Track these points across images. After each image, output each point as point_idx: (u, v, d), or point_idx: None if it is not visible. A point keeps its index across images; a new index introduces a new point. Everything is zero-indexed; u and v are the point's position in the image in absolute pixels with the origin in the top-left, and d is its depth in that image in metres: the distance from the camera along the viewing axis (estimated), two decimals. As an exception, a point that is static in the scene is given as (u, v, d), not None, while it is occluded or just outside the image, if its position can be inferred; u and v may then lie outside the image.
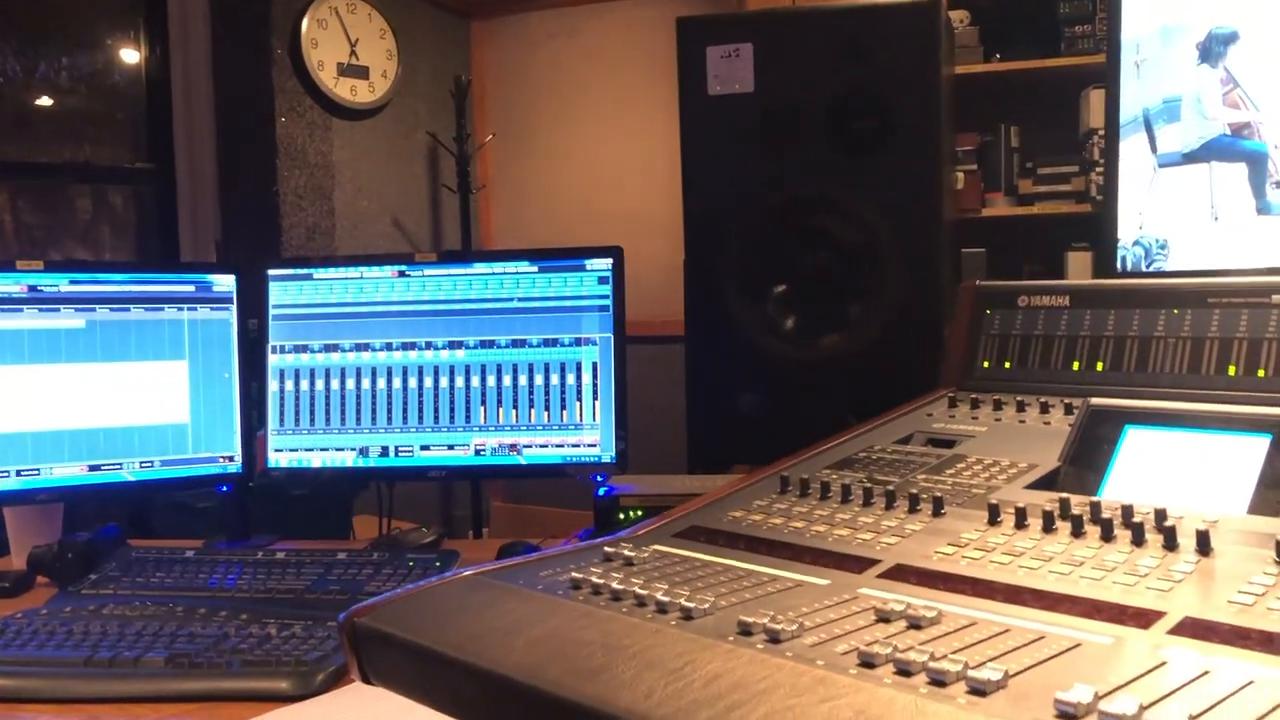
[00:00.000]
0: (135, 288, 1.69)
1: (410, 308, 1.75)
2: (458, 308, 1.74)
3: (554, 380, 1.71)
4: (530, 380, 1.72)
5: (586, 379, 1.71)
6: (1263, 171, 1.31)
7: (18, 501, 1.64)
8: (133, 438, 1.68)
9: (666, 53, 2.30)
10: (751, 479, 1.02)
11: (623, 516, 1.46)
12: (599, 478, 1.64)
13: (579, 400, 1.71)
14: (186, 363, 1.72)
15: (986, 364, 1.17)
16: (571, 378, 1.71)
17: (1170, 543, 0.74)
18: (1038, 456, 0.96)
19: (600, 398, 1.71)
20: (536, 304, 1.73)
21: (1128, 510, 0.79)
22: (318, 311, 1.77)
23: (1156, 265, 1.39)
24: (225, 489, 1.78)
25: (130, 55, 3.88)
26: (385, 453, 1.74)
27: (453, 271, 1.75)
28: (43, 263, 1.64)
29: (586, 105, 4.46)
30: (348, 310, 1.76)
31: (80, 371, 1.65)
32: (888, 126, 2.07)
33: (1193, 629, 0.63)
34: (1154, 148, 1.40)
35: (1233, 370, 0.99)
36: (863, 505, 0.91)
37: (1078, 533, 0.78)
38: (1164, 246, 1.39)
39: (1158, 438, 0.93)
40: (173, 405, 1.71)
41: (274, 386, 1.77)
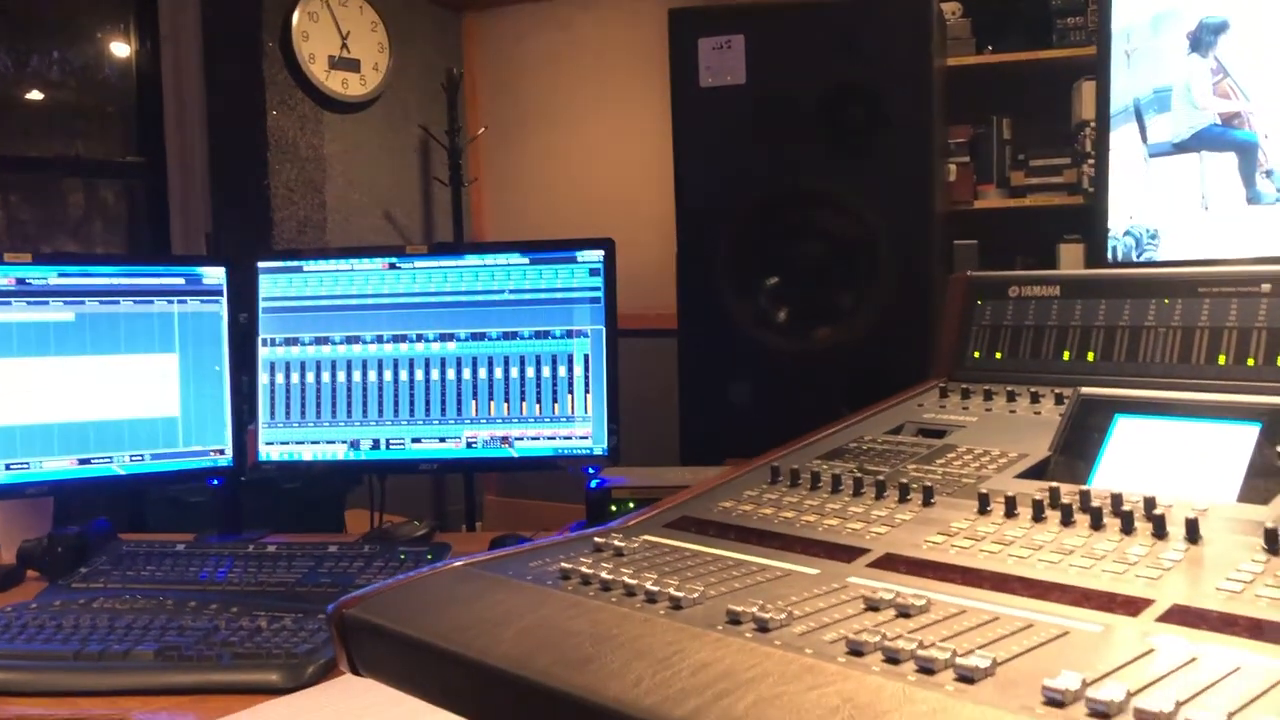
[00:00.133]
0: (125, 280, 1.69)
1: (401, 300, 1.74)
2: (449, 300, 1.74)
3: (545, 372, 1.71)
4: (522, 372, 1.71)
5: (578, 371, 1.71)
6: (1253, 161, 1.31)
7: (7, 495, 1.63)
8: (123, 431, 1.68)
9: (659, 45, 2.30)
10: (742, 469, 1.02)
11: (614, 509, 1.46)
12: (591, 470, 1.64)
13: (570, 393, 1.71)
14: (177, 356, 1.72)
15: (977, 354, 1.17)
16: (563, 370, 1.71)
17: (1159, 531, 0.75)
18: (1028, 446, 0.96)
19: (592, 390, 1.71)
20: (528, 296, 1.72)
21: (1117, 499, 0.79)
22: (308, 304, 1.76)
23: (1147, 255, 1.39)
24: (216, 483, 1.78)
25: (121, 49, 3.86)
26: (376, 445, 1.74)
27: (443, 264, 1.74)
28: (31, 255, 1.63)
29: (579, 98, 4.45)
30: (338, 303, 1.76)
31: (70, 365, 1.64)
32: (880, 118, 2.07)
33: (1181, 616, 0.63)
34: (1144, 138, 1.40)
35: (1223, 359, 0.99)
36: (853, 495, 0.91)
37: (1067, 521, 0.78)
38: (1154, 236, 1.39)
39: (1148, 426, 0.93)
40: (163, 398, 1.70)
41: (265, 379, 1.76)
